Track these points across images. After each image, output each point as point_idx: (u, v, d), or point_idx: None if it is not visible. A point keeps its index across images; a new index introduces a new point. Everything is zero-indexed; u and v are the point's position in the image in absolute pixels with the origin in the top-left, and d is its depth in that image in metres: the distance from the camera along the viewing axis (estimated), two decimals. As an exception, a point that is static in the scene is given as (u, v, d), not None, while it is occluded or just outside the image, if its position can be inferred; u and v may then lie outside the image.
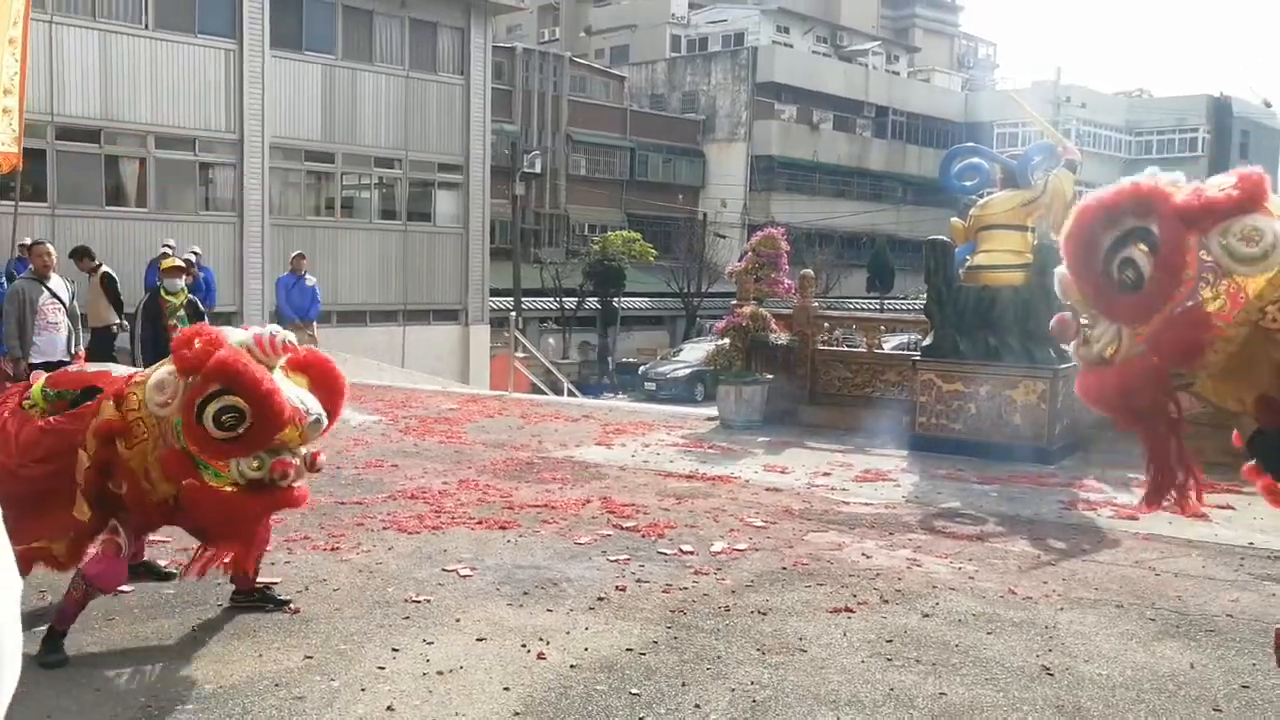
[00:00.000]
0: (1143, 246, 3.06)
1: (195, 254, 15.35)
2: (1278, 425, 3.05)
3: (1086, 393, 3.34)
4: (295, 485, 4.87)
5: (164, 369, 4.79)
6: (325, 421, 4.87)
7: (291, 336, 4.94)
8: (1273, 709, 4.59)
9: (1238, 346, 2.96)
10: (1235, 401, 3.08)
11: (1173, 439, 3.29)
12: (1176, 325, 3.00)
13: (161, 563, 6.10)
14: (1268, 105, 61.70)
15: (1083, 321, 3.34)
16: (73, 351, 9.80)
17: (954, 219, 11.81)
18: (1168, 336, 3.02)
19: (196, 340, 4.68)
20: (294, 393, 4.73)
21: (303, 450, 4.85)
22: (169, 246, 14.86)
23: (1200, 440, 11.30)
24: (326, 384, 4.98)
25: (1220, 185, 3.06)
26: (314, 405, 4.80)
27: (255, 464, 4.68)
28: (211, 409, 4.52)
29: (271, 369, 4.72)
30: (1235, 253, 2.95)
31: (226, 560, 5.25)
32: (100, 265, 12.76)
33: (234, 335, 4.80)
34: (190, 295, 10.77)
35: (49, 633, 4.83)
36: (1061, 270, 3.35)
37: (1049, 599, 5.99)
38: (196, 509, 4.82)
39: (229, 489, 4.74)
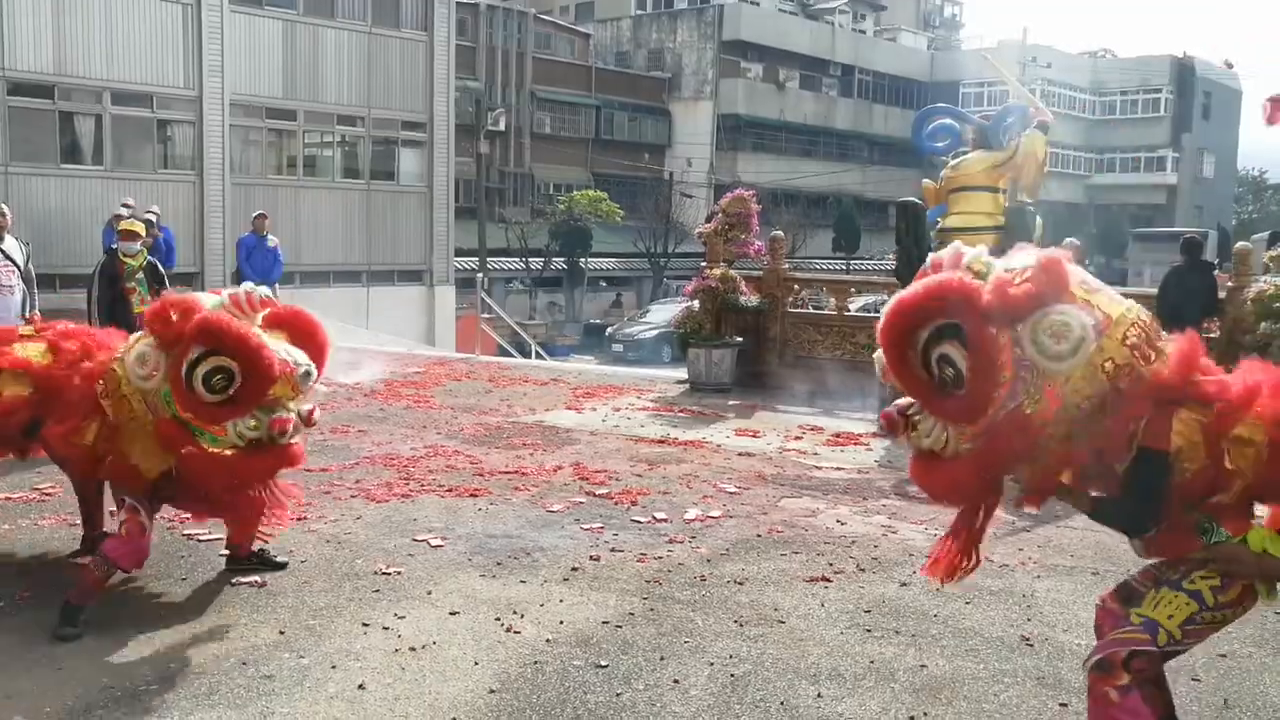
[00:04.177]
0: (958, 344, 3.13)
1: (154, 214, 14.97)
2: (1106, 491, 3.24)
3: (918, 480, 3.45)
4: (294, 442, 4.83)
5: (143, 342, 4.71)
6: (315, 373, 4.82)
7: (266, 292, 4.85)
8: (1250, 677, 4.59)
9: (1054, 441, 3.11)
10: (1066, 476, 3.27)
11: (982, 519, 3.47)
12: (1002, 434, 3.10)
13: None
14: (1229, 66, 61.99)
15: (909, 410, 3.43)
16: (26, 314, 9.53)
17: (926, 180, 11.71)
18: (996, 446, 3.13)
19: (172, 312, 4.59)
20: (279, 346, 4.67)
21: (295, 406, 4.78)
22: (127, 205, 14.50)
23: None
24: (307, 337, 4.92)
25: (1024, 268, 3.14)
26: (301, 358, 4.75)
27: (253, 423, 4.61)
28: (200, 372, 4.46)
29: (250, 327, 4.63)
30: (1046, 350, 3.04)
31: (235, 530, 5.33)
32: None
33: (207, 299, 4.70)
34: (150, 257, 10.50)
35: (65, 606, 4.74)
36: (880, 356, 3.42)
37: (1025, 566, 5.97)
38: (199, 476, 4.78)
39: (229, 453, 4.67)
